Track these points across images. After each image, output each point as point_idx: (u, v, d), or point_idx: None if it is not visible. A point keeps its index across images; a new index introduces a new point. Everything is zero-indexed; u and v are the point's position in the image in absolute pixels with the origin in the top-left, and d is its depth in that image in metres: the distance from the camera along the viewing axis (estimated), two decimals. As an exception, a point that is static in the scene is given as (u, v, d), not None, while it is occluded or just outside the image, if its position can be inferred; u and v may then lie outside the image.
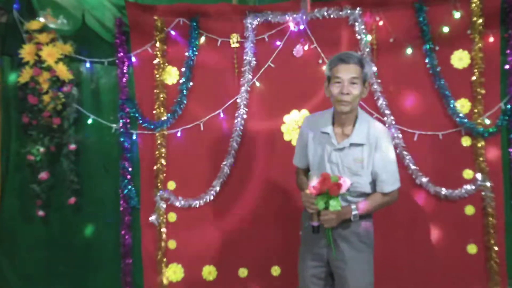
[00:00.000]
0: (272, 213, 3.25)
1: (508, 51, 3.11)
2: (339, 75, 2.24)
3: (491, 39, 3.12)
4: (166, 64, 3.31)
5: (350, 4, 3.20)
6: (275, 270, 3.25)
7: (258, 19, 3.26)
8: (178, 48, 3.31)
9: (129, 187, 3.26)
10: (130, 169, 3.28)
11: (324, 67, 3.17)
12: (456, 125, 3.14)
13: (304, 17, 3.21)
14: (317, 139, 2.36)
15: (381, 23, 3.19)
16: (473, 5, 3.11)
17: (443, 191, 3.12)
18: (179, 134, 3.30)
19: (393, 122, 3.18)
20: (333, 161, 2.30)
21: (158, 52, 3.29)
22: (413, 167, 3.14)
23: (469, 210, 3.13)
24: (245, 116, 3.26)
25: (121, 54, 3.28)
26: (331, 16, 3.22)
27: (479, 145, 3.11)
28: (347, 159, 2.29)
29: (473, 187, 3.10)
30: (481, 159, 3.10)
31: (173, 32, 3.30)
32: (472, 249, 3.13)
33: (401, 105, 3.20)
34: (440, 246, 3.14)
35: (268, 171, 3.27)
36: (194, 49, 3.28)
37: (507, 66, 3.12)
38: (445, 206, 3.14)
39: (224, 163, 3.25)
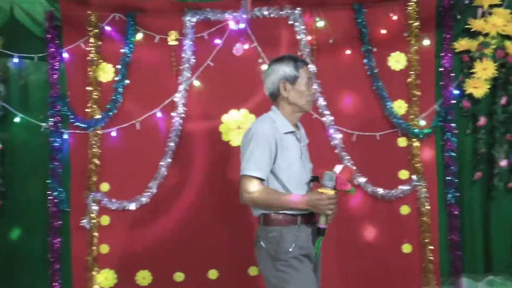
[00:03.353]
0: (210, 216, 3.17)
1: (442, 54, 3.18)
2: (310, 76, 2.27)
3: (427, 42, 3.19)
4: (101, 61, 3.18)
5: (290, 3, 3.19)
6: (213, 274, 3.16)
7: (197, 17, 3.19)
8: (114, 44, 3.19)
9: (59, 189, 3.10)
10: (60, 170, 3.12)
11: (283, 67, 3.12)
12: (393, 126, 3.19)
13: (244, 16, 3.17)
14: (283, 142, 2.19)
15: (321, 23, 3.19)
16: (410, 8, 3.17)
17: (380, 191, 3.15)
18: (114, 133, 3.17)
19: (333, 123, 3.19)
20: (302, 158, 2.26)
21: (92, 48, 3.16)
22: (352, 167, 3.15)
23: (405, 210, 3.17)
24: (183, 115, 3.18)
25: (52, 49, 3.13)
26: (271, 15, 3.20)
27: (415, 146, 3.16)
28: (306, 154, 2.32)
29: (409, 187, 3.15)
30: (416, 160, 3.15)
31: (108, 28, 3.19)
32: (407, 248, 3.17)
33: (340, 106, 3.21)
34: (376, 246, 3.16)
35: (207, 171, 3.19)
36: (131, 45, 3.18)
37: (441, 69, 3.18)
38: (382, 206, 3.17)
39: (161, 163, 3.16)
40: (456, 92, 3.17)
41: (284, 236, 2.14)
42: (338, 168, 2.14)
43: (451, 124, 3.16)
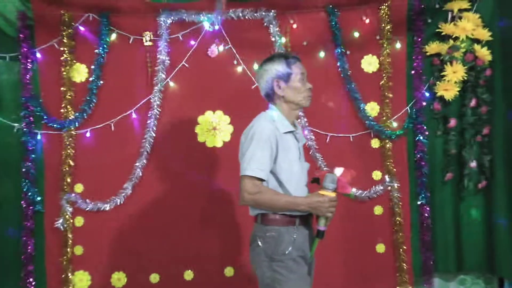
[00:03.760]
0: (185, 217, 3.17)
1: (414, 57, 3.24)
2: (304, 71, 2.25)
3: (398, 45, 3.24)
4: (74, 61, 3.15)
5: (265, 5, 3.21)
6: (188, 275, 3.17)
7: (172, 18, 3.18)
8: (88, 44, 3.16)
9: (33, 190, 3.07)
10: (33, 171, 3.08)
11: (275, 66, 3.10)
12: (366, 128, 3.24)
13: (219, 17, 3.18)
14: (283, 142, 2.16)
15: (295, 26, 3.23)
16: (382, 12, 3.22)
17: (354, 191, 3.19)
18: (88, 134, 3.15)
19: (307, 124, 3.23)
20: (301, 158, 2.25)
21: (65, 48, 3.12)
22: (325, 168, 3.19)
23: (378, 210, 3.23)
24: (158, 116, 3.17)
25: (25, 49, 3.08)
26: (246, 17, 3.21)
27: (387, 147, 3.22)
28: (303, 154, 2.30)
29: (382, 187, 3.21)
30: (389, 160, 3.21)
31: (82, 28, 3.15)
32: (380, 248, 3.22)
33: (314, 107, 3.21)
34: (350, 246, 3.21)
35: (182, 172, 3.19)
36: (105, 46, 3.15)
37: (413, 71, 3.25)
38: (356, 206, 3.21)
39: (136, 164, 3.14)
40: (427, 94, 3.24)
41: (282, 236, 2.11)
42: (339, 171, 2.12)
43: (422, 126, 3.23)
